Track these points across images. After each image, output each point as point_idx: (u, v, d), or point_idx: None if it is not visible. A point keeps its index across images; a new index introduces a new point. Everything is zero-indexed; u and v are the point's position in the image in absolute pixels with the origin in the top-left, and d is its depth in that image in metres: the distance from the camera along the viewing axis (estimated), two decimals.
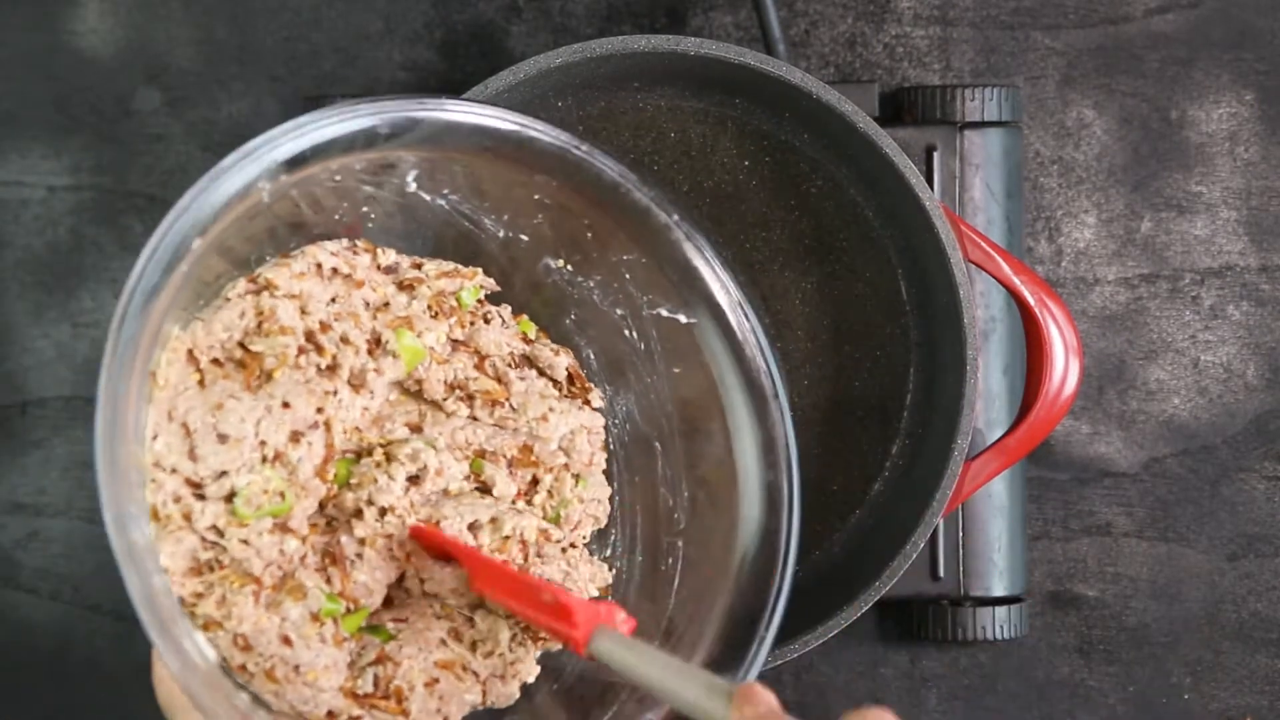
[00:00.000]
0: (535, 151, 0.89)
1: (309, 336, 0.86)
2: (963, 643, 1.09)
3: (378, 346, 0.88)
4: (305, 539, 0.86)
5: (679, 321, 0.93)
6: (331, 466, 0.87)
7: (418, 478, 0.87)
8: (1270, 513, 1.13)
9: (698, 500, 0.94)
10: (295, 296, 0.86)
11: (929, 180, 1.06)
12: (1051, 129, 1.13)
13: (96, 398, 0.77)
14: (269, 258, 0.87)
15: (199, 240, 0.80)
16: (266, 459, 0.84)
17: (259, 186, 0.82)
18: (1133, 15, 1.13)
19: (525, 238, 0.93)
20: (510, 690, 0.90)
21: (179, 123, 1.12)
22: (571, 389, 0.93)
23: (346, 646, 0.86)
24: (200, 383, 0.84)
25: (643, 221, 0.91)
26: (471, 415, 0.91)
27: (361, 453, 0.88)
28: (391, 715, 0.87)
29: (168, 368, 0.83)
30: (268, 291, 0.86)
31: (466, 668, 0.89)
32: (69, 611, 1.12)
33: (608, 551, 0.96)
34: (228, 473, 0.83)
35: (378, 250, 0.90)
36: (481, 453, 0.90)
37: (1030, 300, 1.01)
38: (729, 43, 1.01)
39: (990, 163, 1.08)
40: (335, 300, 0.88)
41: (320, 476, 0.86)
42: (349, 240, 0.90)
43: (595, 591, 0.92)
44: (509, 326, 0.92)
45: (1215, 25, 1.13)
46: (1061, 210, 1.13)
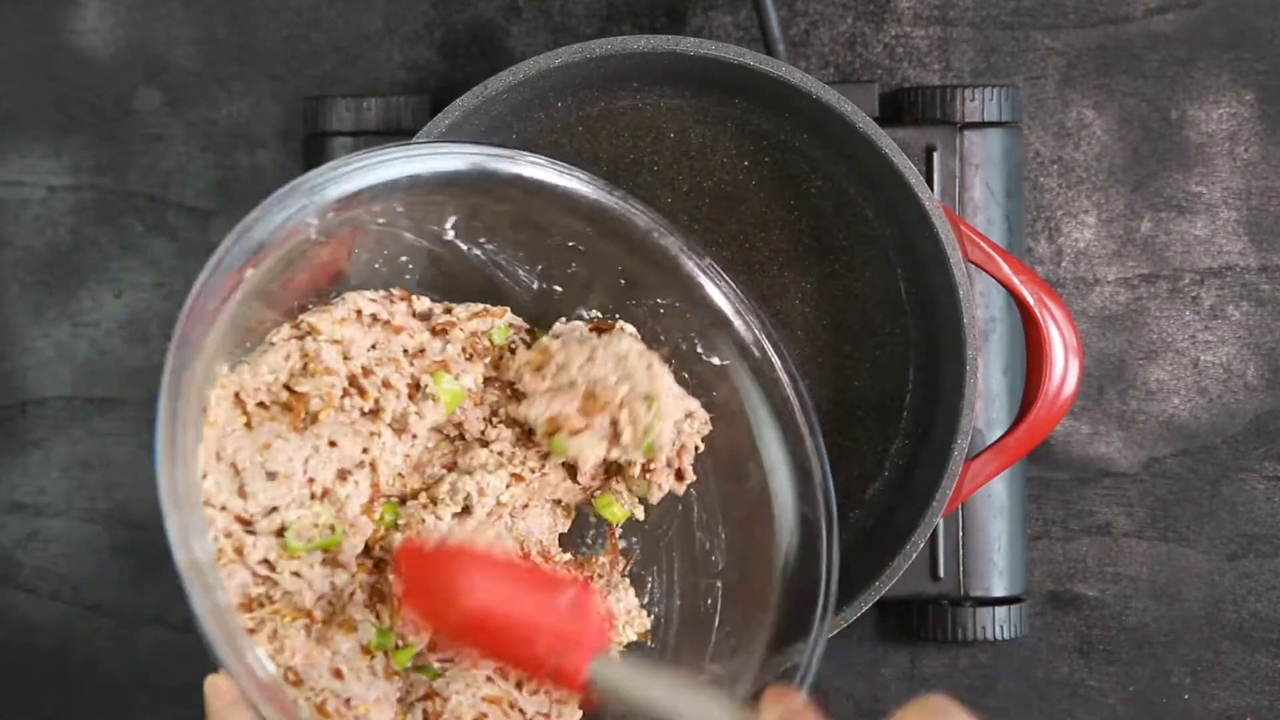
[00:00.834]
0: (573, 198, 0.93)
1: (351, 381, 0.87)
2: (963, 643, 1.09)
3: (417, 390, 0.89)
4: (354, 575, 0.87)
5: (712, 364, 0.96)
6: (378, 506, 0.88)
7: (467, 509, 0.89)
8: (1270, 513, 1.13)
9: (734, 541, 0.96)
10: (337, 342, 0.87)
11: (929, 180, 1.06)
12: (1051, 129, 1.13)
13: (155, 417, 0.77)
14: (311, 306, 0.89)
15: (251, 270, 0.82)
16: (315, 495, 0.85)
17: (307, 222, 0.84)
18: (1133, 15, 1.13)
19: (559, 288, 0.96)
20: None
21: (179, 123, 1.12)
22: (600, 325, 0.94)
23: (396, 681, 0.87)
24: (247, 425, 0.85)
25: (674, 266, 0.95)
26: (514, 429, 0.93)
27: (405, 497, 0.89)
28: None
29: (217, 406, 0.84)
30: (311, 336, 0.87)
31: (513, 705, 0.89)
32: (69, 611, 1.12)
33: (645, 599, 0.96)
34: (278, 508, 0.84)
35: (412, 297, 0.92)
36: (554, 428, 0.90)
37: (1030, 300, 1.01)
38: (729, 43, 1.01)
39: (990, 163, 1.08)
40: (375, 347, 0.89)
41: (367, 514, 0.87)
42: (385, 289, 0.91)
43: (633, 636, 0.93)
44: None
45: (1215, 25, 1.13)
46: (1061, 210, 1.13)
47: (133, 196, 1.12)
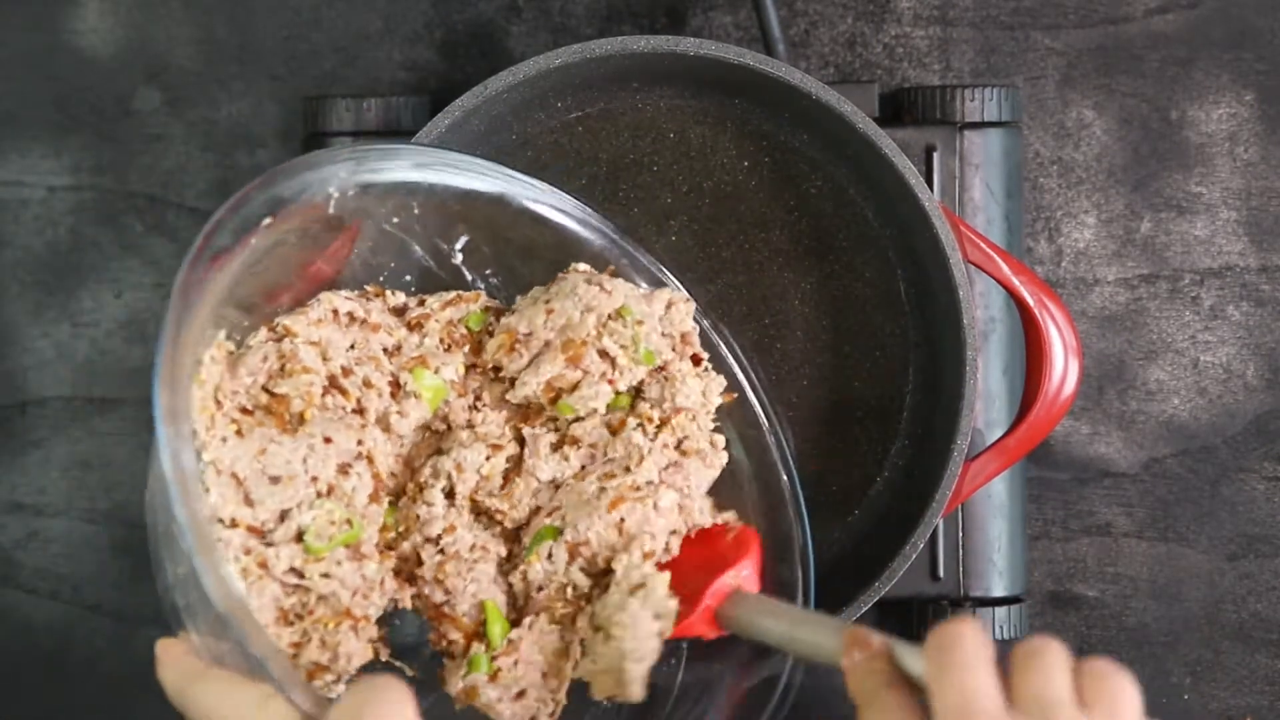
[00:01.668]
0: (581, 244, 0.95)
1: (331, 381, 0.87)
2: None
3: (399, 389, 0.89)
4: (381, 563, 0.87)
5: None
6: (384, 495, 0.88)
7: (451, 491, 0.89)
8: (1270, 513, 1.13)
9: None
10: (315, 344, 0.87)
11: (929, 180, 1.06)
12: (1051, 129, 1.13)
13: (164, 316, 0.77)
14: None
15: (269, 219, 0.82)
16: (321, 493, 0.85)
17: (329, 192, 0.85)
18: (1133, 15, 1.13)
19: None
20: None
21: (179, 123, 1.12)
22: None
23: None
24: (238, 433, 0.84)
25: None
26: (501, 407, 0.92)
27: (399, 495, 0.89)
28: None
29: (210, 366, 0.84)
30: (288, 338, 0.87)
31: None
32: (69, 611, 1.12)
33: None
34: (289, 512, 0.84)
35: (386, 292, 0.92)
36: (554, 393, 0.91)
37: (1029, 301, 1.01)
38: (729, 43, 1.01)
39: (990, 163, 1.08)
40: (354, 346, 0.89)
41: (375, 503, 0.87)
42: (360, 288, 0.91)
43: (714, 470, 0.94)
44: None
45: (1215, 25, 1.13)
46: (1061, 210, 1.13)
47: (133, 196, 1.12)
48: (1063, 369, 1.01)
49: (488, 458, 0.89)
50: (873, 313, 1.06)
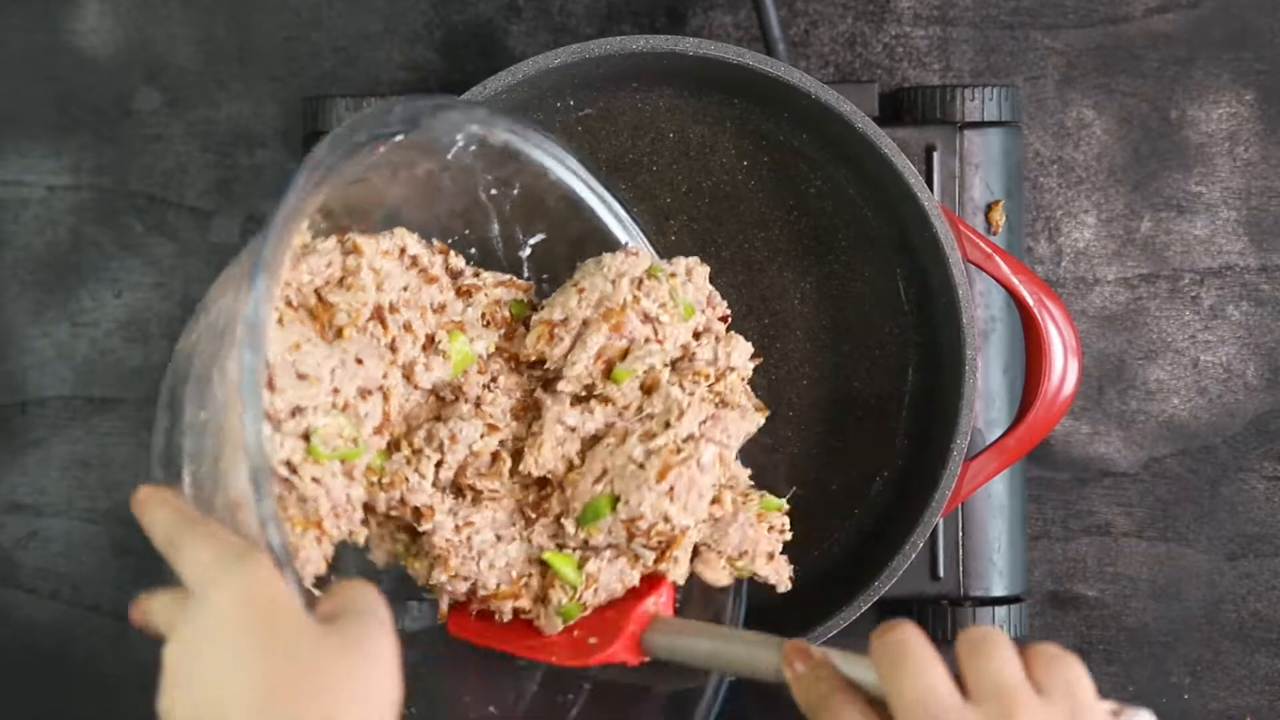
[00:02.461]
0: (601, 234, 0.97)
1: (378, 311, 0.88)
2: None
3: (431, 344, 0.90)
4: (366, 490, 0.88)
5: None
6: (385, 433, 0.88)
7: (440, 461, 0.89)
8: (1270, 513, 1.13)
9: None
10: (375, 271, 0.88)
11: (928, 180, 1.06)
12: (1051, 129, 1.13)
13: (292, 181, 0.77)
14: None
15: (401, 136, 0.85)
16: (337, 406, 0.85)
17: (456, 138, 0.89)
18: (1133, 15, 1.13)
19: None
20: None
21: (179, 123, 1.12)
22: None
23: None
24: (280, 321, 0.85)
25: None
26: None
27: (392, 445, 0.90)
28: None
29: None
30: (355, 255, 0.88)
31: None
32: (68, 611, 1.12)
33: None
34: (304, 410, 0.84)
35: (450, 252, 0.93)
36: (608, 365, 0.92)
37: (1029, 300, 1.01)
38: (728, 43, 1.01)
39: (990, 163, 1.08)
40: (407, 289, 0.90)
41: (379, 435, 0.88)
42: (427, 239, 0.93)
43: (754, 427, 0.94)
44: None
45: (1215, 25, 1.13)
46: (1061, 210, 1.13)
47: (133, 196, 1.12)
48: (1062, 368, 1.01)
49: (482, 435, 0.90)
50: (871, 312, 1.06)
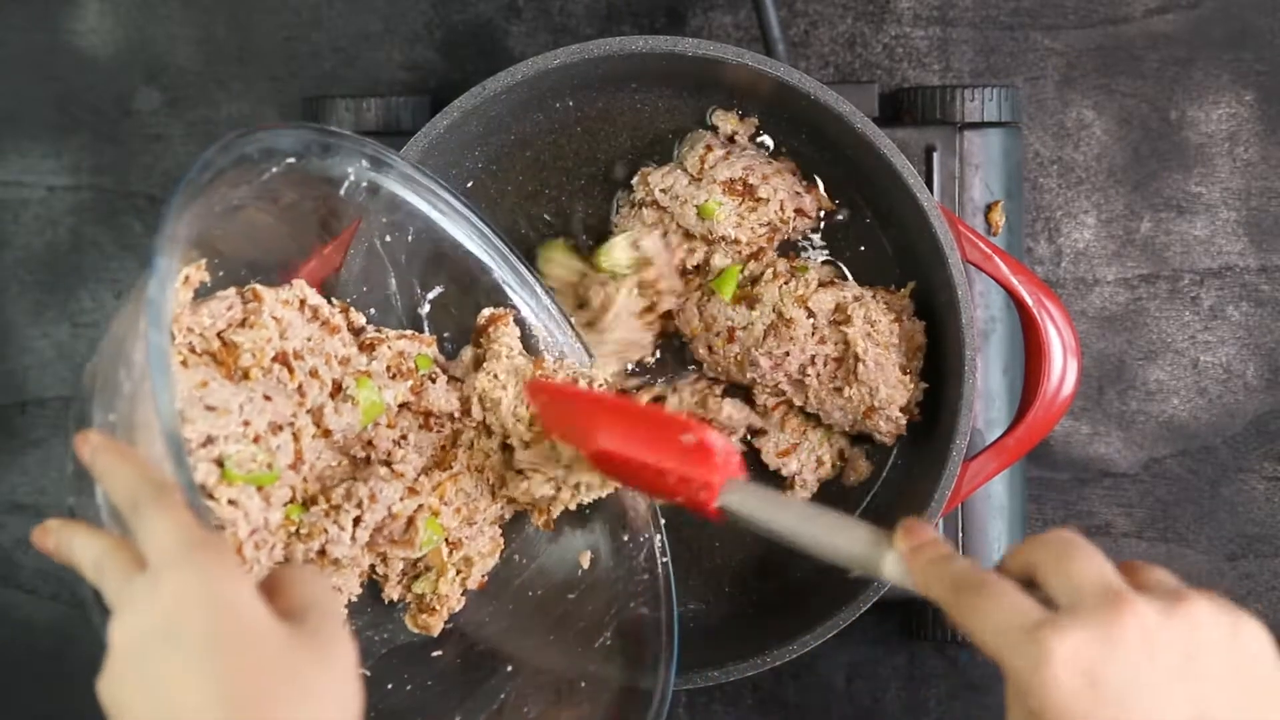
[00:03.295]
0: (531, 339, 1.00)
1: (282, 356, 0.90)
2: (962, 643, 1.09)
3: (339, 391, 0.92)
4: (284, 522, 0.89)
5: None
6: (301, 469, 0.90)
7: (359, 518, 0.91)
8: (1270, 513, 1.13)
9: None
10: (277, 319, 0.90)
11: (928, 181, 1.06)
12: (1051, 129, 1.13)
13: (181, 179, 0.78)
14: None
15: (277, 167, 0.86)
16: (248, 437, 0.86)
17: (347, 172, 0.91)
18: (1132, 15, 1.13)
19: None
20: None
21: (179, 123, 1.13)
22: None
23: None
24: (183, 363, 0.87)
25: None
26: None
27: (307, 501, 0.91)
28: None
29: (184, 288, 0.87)
30: (255, 301, 0.90)
31: None
32: (68, 611, 1.12)
33: None
34: (216, 439, 0.85)
35: (350, 310, 0.95)
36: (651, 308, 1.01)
37: (1028, 301, 1.01)
38: (728, 43, 1.01)
39: (990, 163, 1.08)
40: (310, 340, 0.92)
41: (294, 470, 0.90)
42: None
43: None
44: (450, 390, 0.97)
45: (1215, 25, 1.13)
46: (1061, 211, 1.13)
47: (133, 196, 1.12)
48: (1061, 369, 1.01)
49: (402, 498, 0.92)
50: None
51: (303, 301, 0.92)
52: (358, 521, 0.91)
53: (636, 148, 1.05)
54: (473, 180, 1.04)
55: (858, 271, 1.05)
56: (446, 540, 0.94)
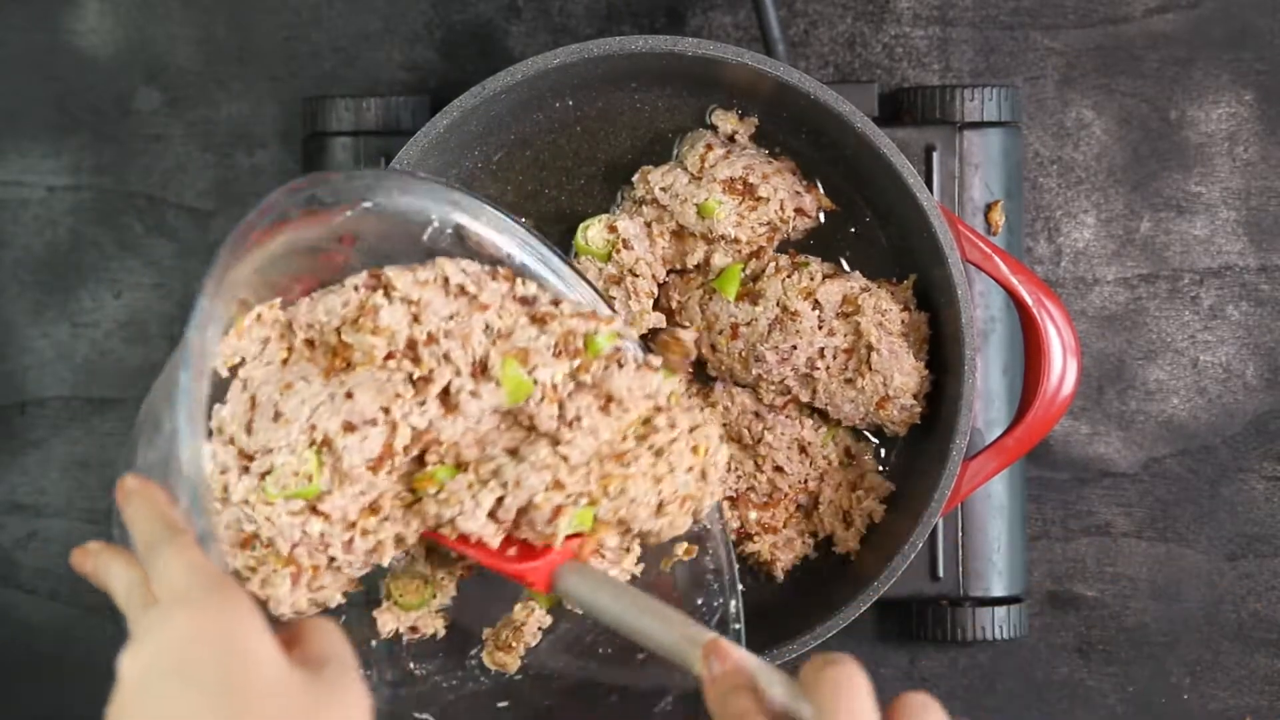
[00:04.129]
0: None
1: (410, 345, 0.87)
2: (962, 643, 1.09)
3: (483, 372, 0.89)
4: (351, 524, 0.87)
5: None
6: (388, 464, 0.87)
7: (502, 498, 0.88)
8: (1270, 513, 1.13)
9: None
10: (413, 302, 0.87)
11: (928, 180, 1.06)
12: (1051, 129, 1.13)
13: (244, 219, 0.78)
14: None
15: (348, 213, 0.86)
16: (314, 443, 0.85)
17: (430, 219, 0.90)
18: (1132, 15, 1.13)
19: None
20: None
21: (179, 123, 1.13)
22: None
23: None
24: (284, 360, 0.86)
25: None
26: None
27: (459, 466, 0.89)
28: None
29: (268, 310, 0.87)
30: (384, 290, 0.87)
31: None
32: (68, 611, 1.12)
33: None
34: (271, 450, 0.85)
35: (518, 280, 0.91)
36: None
37: (1028, 300, 1.01)
38: (728, 43, 1.01)
39: (989, 163, 1.08)
40: (453, 318, 0.89)
41: (373, 471, 0.86)
42: (491, 265, 0.92)
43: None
44: (644, 374, 0.91)
45: (1215, 25, 1.13)
46: (1061, 210, 1.13)
47: (132, 196, 1.12)
48: (1061, 368, 1.01)
49: (546, 488, 0.88)
50: None
51: (445, 279, 0.89)
52: (500, 501, 0.88)
53: (636, 147, 1.05)
54: (473, 180, 1.04)
55: (857, 270, 1.05)
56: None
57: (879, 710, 0.73)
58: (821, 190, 1.05)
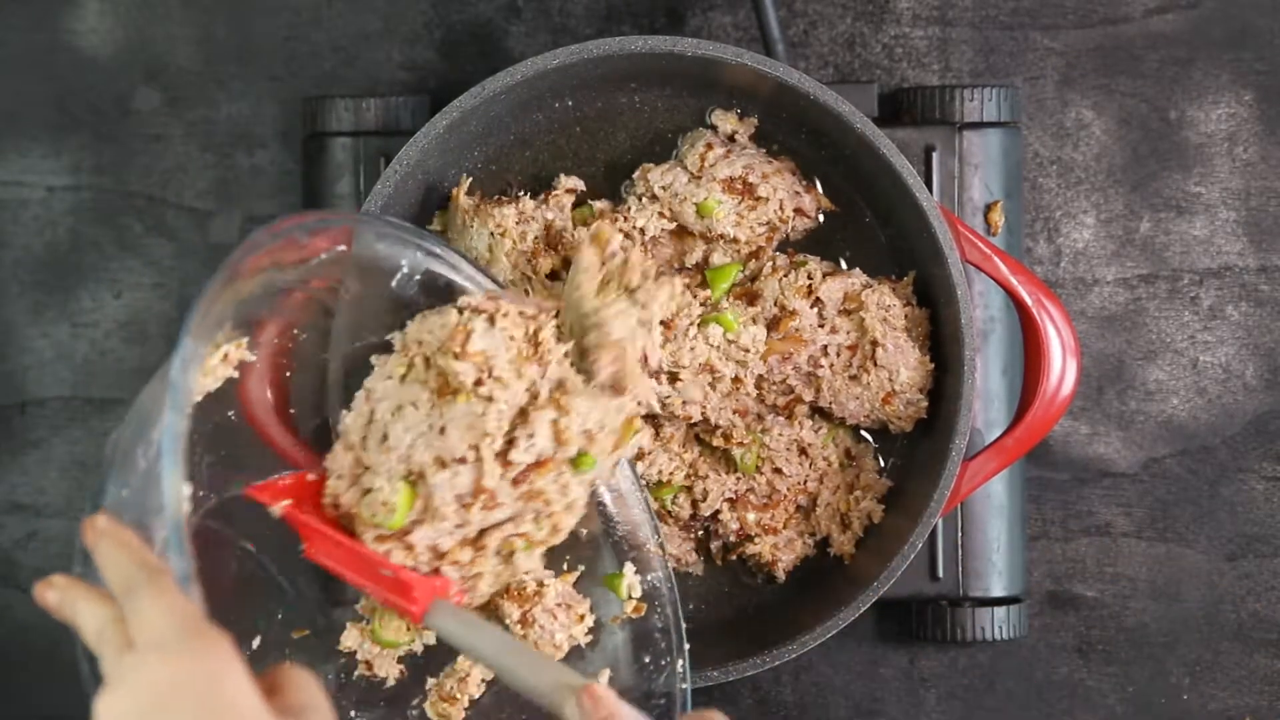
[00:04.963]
0: None
1: (490, 372, 0.87)
2: (962, 643, 1.09)
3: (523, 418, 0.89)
4: (440, 556, 0.88)
5: None
6: (479, 504, 0.87)
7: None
8: (1269, 513, 1.13)
9: None
10: (512, 337, 0.88)
11: (928, 181, 1.06)
12: (1050, 129, 1.13)
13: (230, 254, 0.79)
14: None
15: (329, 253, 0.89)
16: (410, 474, 0.86)
17: (401, 264, 0.92)
18: (1132, 15, 1.13)
19: None
20: None
21: (179, 123, 1.13)
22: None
23: None
24: (402, 377, 0.88)
25: None
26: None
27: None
28: None
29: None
30: (488, 316, 0.88)
31: None
32: None
33: None
34: (370, 471, 0.87)
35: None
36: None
37: (1028, 301, 1.01)
38: (728, 43, 1.01)
39: (989, 163, 1.08)
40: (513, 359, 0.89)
41: (465, 509, 0.87)
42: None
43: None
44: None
45: (1215, 25, 1.13)
46: (1060, 211, 1.13)
47: (132, 196, 1.12)
48: (1061, 368, 1.01)
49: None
50: None
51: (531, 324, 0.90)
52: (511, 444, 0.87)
53: (636, 148, 1.05)
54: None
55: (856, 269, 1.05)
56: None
57: None
58: (821, 190, 1.05)
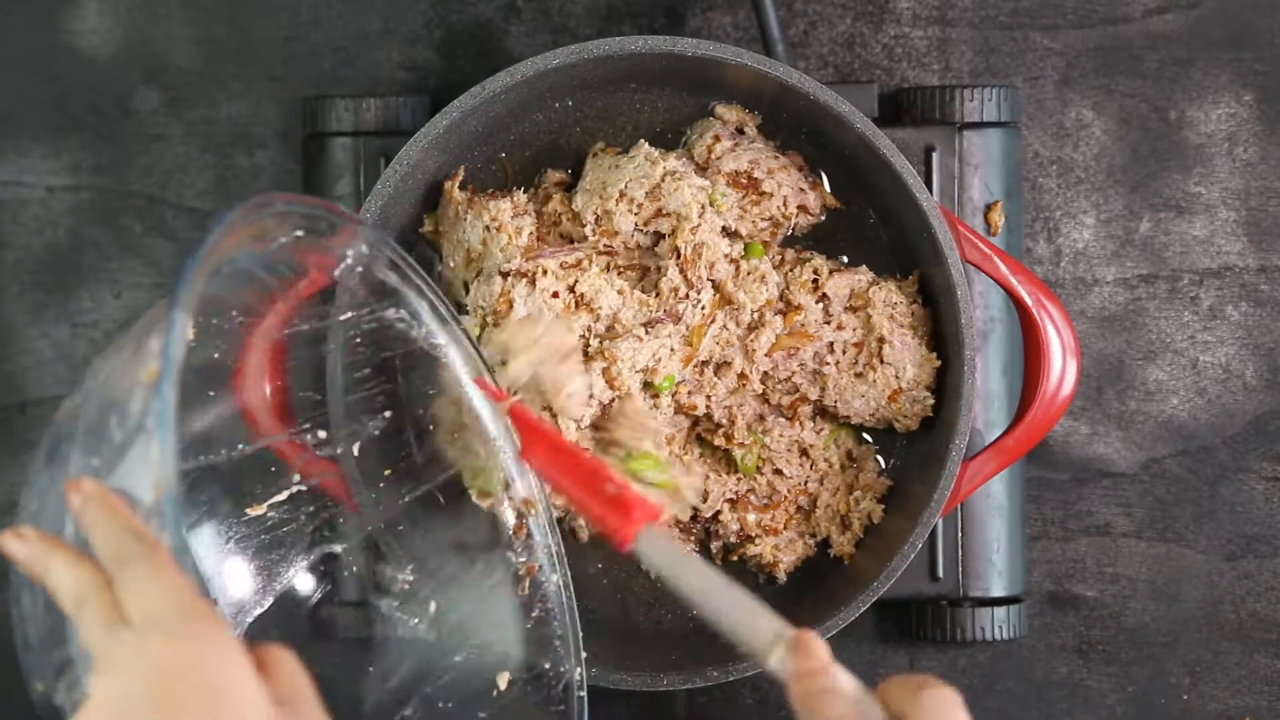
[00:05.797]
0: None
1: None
2: (962, 643, 1.09)
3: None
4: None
5: None
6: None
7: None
8: (1269, 513, 1.13)
9: None
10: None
11: (928, 181, 1.06)
12: (1050, 129, 1.13)
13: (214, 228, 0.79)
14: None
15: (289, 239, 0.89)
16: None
17: (346, 256, 0.94)
18: (1132, 15, 1.13)
19: None
20: None
21: (178, 123, 1.13)
22: None
23: None
24: (478, 338, 1.01)
25: None
26: None
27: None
28: None
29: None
30: (528, 279, 0.99)
31: None
32: None
33: None
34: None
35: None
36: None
37: (1028, 301, 1.01)
38: (728, 43, 1.01)
39: (989, 163, 1.08)
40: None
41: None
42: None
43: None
44: None
45: (1215, 25, 1.13)
46: (1060, 211, 1.13)
47: (132, 196, 1.12)
48: (1061, 369, 1.01)
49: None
50: None
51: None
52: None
53: None
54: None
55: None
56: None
57: None
58: (827, 187, 1.05)
